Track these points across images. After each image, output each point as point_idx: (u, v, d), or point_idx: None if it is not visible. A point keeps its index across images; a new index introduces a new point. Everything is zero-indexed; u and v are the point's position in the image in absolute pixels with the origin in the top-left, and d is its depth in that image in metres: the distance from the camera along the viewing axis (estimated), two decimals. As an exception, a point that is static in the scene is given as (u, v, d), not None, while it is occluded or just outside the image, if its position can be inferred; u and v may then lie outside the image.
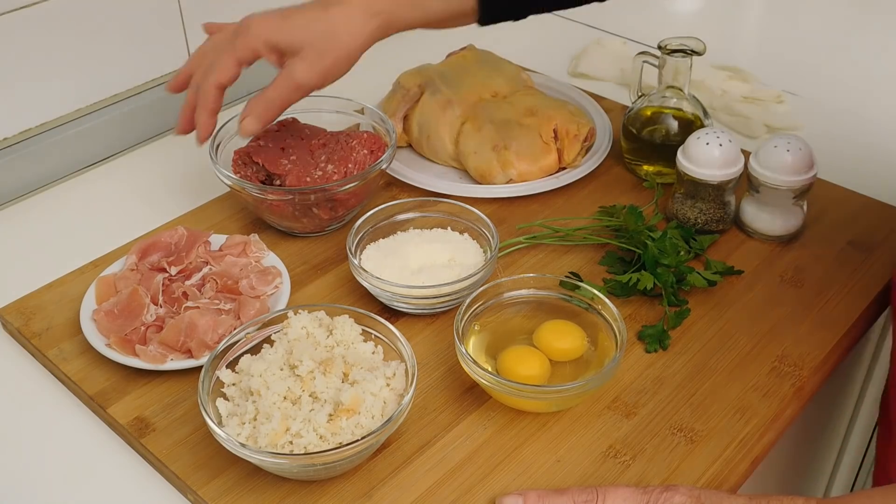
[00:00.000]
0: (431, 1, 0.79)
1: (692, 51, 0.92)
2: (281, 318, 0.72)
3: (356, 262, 0.80)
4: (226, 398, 0.68)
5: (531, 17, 0.79)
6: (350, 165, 0.89)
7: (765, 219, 0.89)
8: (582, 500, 0.63)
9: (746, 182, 0.90)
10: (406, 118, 1.01)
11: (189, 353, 0.76)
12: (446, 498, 0.66)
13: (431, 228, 0.86)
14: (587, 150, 1.00)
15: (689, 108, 0.96)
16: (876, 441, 0.76)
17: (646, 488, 0.64)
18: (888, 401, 0.75)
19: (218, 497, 0.66)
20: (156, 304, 0.80)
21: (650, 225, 0.87)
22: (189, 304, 0.79)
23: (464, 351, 0.71)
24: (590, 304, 0.77)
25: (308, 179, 0.88)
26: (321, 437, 0.64)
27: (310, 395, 0.66)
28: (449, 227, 0.86)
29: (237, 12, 1.13)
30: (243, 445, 0.63)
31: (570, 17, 1.28)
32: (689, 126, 0.96)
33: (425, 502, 0.66)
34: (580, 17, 0.76)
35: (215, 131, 0.92)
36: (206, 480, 0.67)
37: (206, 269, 0.84)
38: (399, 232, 0.86)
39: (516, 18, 0.84)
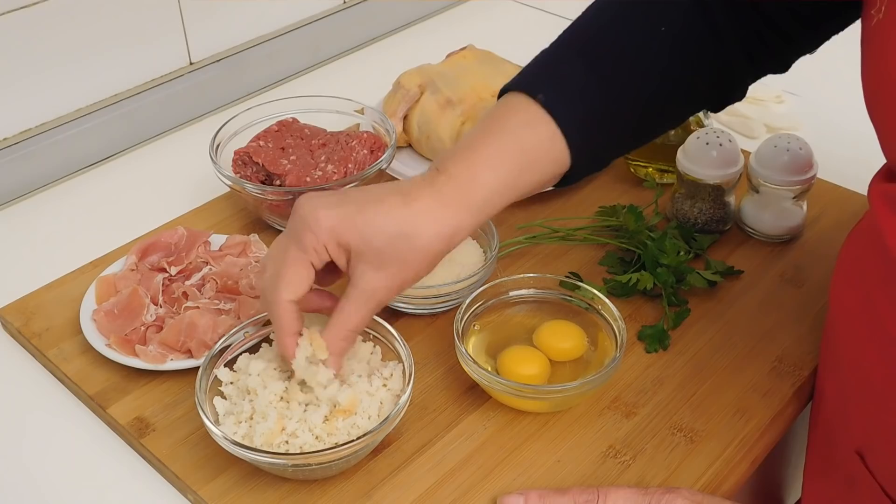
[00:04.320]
0: (527, 177, 0.67)
1: (692, 51, 0.92)
2: (281, 318, 0.72)
3: (356, 262, 0.80)
4: (223, 397, 0.68)
5: (529, 17, 0.77)
6: (350, 165, 0.89)
7: (765, 219, 0.89)
8: (583, 501, 0.64)
9: (746, 182, 0.90)
10: (406, 118, 1.01)
11: (189, 354, 0.76)
12: (446, 498, 0.66)
13: (431, 228, 0.86)
14: (587, 150, 0.99)
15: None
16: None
17: (647, 490, 0.64)
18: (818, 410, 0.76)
19: (218, 497, 0.66)
20: (156, 304, 0.80)
21: (650, 225, 0.87)
22: (189, 304, 0.79)
23: (464, 351, 0.71)
24: (590, 304, 0.77)
25: (308, 179, 0.88)
26: (317, 438, 0.64)
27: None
28: (449, 227, 0.86)
29: (237, 12, 1.14)
30: (239, 444, 0.63)
31: (569, 16, 1.28)
32: (689, 126, 0.96)
33: (425, 502, 0.66)
34: (580, 17, 0.77)
35: (216, 131, 0.92)
36: (206, 480, 0.67)
37: (206, 269, 0.84)
38: (399, 232, 0.86)
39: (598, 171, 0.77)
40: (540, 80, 0.68)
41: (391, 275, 0.63)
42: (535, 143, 0.66)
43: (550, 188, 0.93)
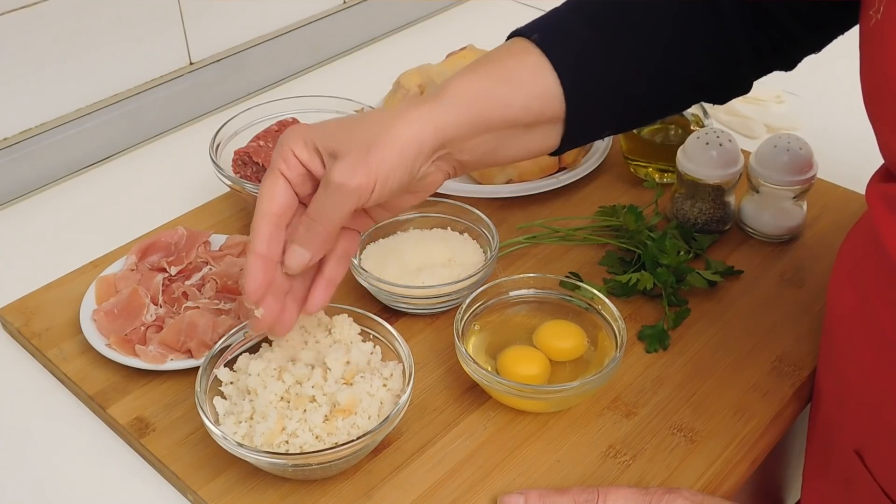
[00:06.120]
0: (509, 94, 0.65)
1: (692, 51, 0.92)
2: (280, 318, 0.72)
3: (356, 262, 0.80)
4: (223, 397, 0.68)
5: (529, 17, 0.76)
6: (350, 165, 0.89)
7: (765, 219, 0.89)
8: (583, 500, 0.64)
9: (746, 182, 0.90)
10: (406, 118, 1.01)
11: (189, 353, 0.76)
12: (446, 498, 0.66)
13: (431, 228, 0.86)
14: (587, 150, 0.99)
15: (688, 108, 0.96)
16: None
17: (647, 490, 0.64)
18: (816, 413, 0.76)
19: (218, 497, 0.66)
20: (156, 304, 0.80)
21: (650, 225, 0.87)
22: (189, 304, 0.79)
23: (463, 351, 0.71)
24: (590, 304, 0.77)
25: (308, 179, 0.87)
26: (317, 437, 0.64)
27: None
28: (449, 227, 0.86)
29: (237, 12, 1.14)
30: (239, 444, 0.63)
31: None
32: (689, 126, 0.96)
33: (425, 502, 0.66)
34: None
35: (216, 131, 0.92)
36: (206, 480, 0.67)
37: (206, 269, 0.84)
38: (399, 232, 0.86)
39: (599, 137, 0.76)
40: (538, 26, 0.68)
41: (356, 160, 0.60)
42: (519, 64, 0.65)
43: (554, 181, 0.93)
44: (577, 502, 0.64)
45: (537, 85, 0.66)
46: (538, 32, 0.67)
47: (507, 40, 0.70)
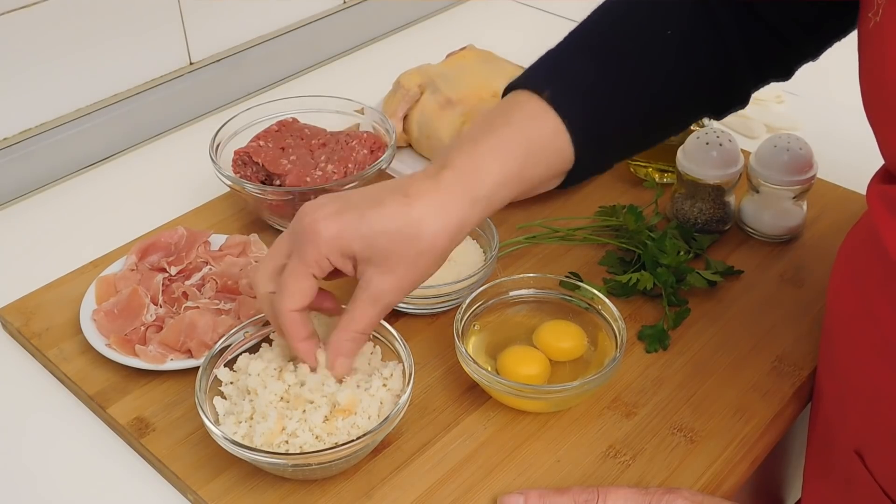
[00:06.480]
0: (532, 170, 0.66)
1: (692, 51, 0.92)
2: (281, 318, 0.72)
3: (356, 262, 0.80)
4: (223, 397, 0.68)
5: (529, 17, 0.76)
6: (350, 165, 0.89)
7: (765, 219, 0.89)
8: (583, 500, 0.64)
9: (746, 182, 0.90)
10: (406, 118, 1.01)
11: (189, 353, 0.76)
12: (446, 498, 0.66)
13: (431, 228, 0.86)
14: (587, 150, 0.99)
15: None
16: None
17: (647, 490, 0.64)
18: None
19: (218, 497, 0.66)
20: (156, 304, 0.80)
21: (650, 225, 0.87)
22: (189, 304, 0.79)
23: (463, 351, 0.71)
24: (590, 304, 0.77)
25: (308, 179, 0.88)
26: (317, 437, 0.64)
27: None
28: (449, 227, 0.86)
29: (237, 12, 1.14)
30: (239, 444, 0.63)
31: (569, 16, 1.27)
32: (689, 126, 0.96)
33: (425, 502, 0.66)
34: (579, 16, 0.76)
35: (216, 131, 0.92)
36: (206, 480, 0.67)
37: (206, 269, 0.84)
38: (399, 232, 0.86)
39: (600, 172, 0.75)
40: (546, 78, 0.68)
41: (400, 276, 0.62)
42: (540, 136, 0.66)
43: (552, 189, 0.93)
44: (577, 502, 0.64)
45: (556, 153, 0.67)
46: (549, 88, 0.66)
47: (518, 87, 0.68)
